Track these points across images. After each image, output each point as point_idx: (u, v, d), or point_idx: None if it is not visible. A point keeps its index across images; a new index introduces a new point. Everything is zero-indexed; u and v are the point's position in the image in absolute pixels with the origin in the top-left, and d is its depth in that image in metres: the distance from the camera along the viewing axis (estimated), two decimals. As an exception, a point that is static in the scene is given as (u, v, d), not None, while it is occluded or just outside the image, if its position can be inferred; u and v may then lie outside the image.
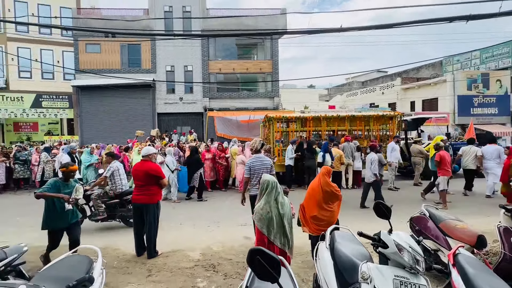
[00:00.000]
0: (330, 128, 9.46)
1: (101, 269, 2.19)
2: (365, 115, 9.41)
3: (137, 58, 17.16)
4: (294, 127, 9.37)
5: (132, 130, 15.54)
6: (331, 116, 9.27)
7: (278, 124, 9.27)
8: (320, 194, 3.29)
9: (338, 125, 9.33)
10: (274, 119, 9.05)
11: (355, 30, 4.73)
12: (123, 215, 5.11)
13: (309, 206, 3.38)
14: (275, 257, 1.07)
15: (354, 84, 28.16)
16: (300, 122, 9.25)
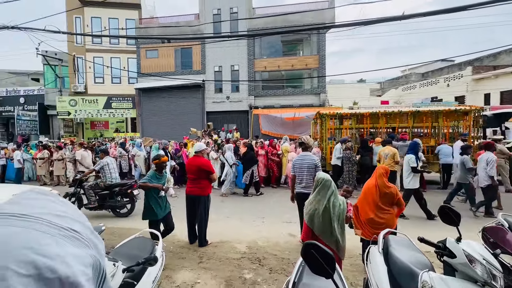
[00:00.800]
0: (390, 125, 8.72)
1: (161, 251, 2.46)
2: (433, 110, 8.31)
3: (189, 60, 18.40)
4: (349, 124, 8.90)
5: (185, 127, 16.78)
6: (391, 112, 8.43)
7: (331, 121, 8.90)
8: (377, 196, 3.07)
9: (399, 121, 8.52)
10: (327, 116, 8.71)
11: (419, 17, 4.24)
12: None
13: (363, 208, 3.18)
14: (330, 252, 1.06)
15: (412, 76, 25.39)
16: (355, 119, 8.70)
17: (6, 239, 0.39)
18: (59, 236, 0.43)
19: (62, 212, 0.48)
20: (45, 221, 0.44)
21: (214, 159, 8.14)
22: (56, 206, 0.49)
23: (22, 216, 0.43)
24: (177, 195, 6.95)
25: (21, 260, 0.37)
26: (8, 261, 0.36)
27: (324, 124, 8.75)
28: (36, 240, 0.40)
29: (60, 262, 0.39)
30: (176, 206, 6.16)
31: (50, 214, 0.46)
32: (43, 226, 0.43)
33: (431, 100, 16.89)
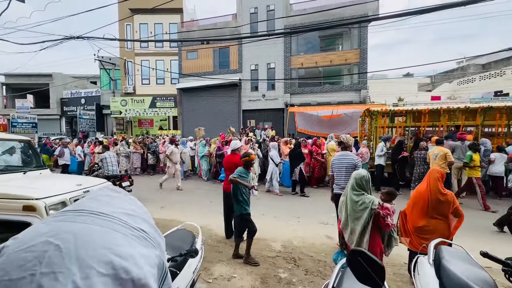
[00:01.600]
0: (453, 123, 7.93)
1: (201, 244, 2.57)
2: (510, 106, 7.30)
3: (226, 60, 18.90)
4: (403, 122, 8.22)
5: (222, 125, 17.31)
6: (456, 108, 7.60)
7: (383, 119, 8.44)
8: (429, 203, 2.76)
9: (465, 119, 7.69)
10: (379, 113, 8.22)
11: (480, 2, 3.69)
12: None
13: (412, 215, 2.90)
14: (379, 262, 0.99)
15: (470, 68, 22.55)
16: (411, 116, 8.07)
17: (89, 238, 0.42)
18: (131, 236, 0.46)
19: (132, 211, 0.51)
20: (119, 221, 0.47)
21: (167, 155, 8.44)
22: (127, 204, 0.53)
23: (100, 214, 0.47)
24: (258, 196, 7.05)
25: (102, 260, 0.40)
26: (92, 261, 0.39)
27: (375, 122, 8.25)
28: (113, 240, 0.44)
29: (133, 264, 0.42)
30: (213, 201, 6.42)
31: (123, 213, 0.49)
32: (118, 226, 0.46)
33: (494, 95, 14.81)
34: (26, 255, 0.39)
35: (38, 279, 0.36)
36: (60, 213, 0.47)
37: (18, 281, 0.36)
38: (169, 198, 6.93)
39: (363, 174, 2.62)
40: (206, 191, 7.75)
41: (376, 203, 2.46)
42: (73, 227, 0.43)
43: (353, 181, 2.61)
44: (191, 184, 9.04)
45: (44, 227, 0.43)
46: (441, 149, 6.12)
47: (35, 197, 2.89)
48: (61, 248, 0.39)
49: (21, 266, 0.37)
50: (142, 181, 9.48)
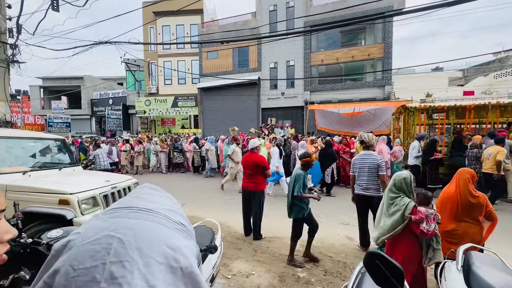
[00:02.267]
0: (507, 119, 7.38)
1: (220, 240, 2.63)
2: None
3: (246, 59, 19.00)
4: (445, 119, 7.74)
5: (241, 123, 17.46)
6: (507, 103, 7.02)
7: (422, 116, 7.99)
8: (459, 205, 2.60)
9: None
10: (416, 110, 7.80)
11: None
12: None
13: (444, 218, 2.73)
14: (398, 265, 0.96)
15: (510, 60, 20.75)
16: (454, 113, 7.57)
17: (144, 231, 0.48)
18: (174, 230, 0.52)
19: (171, 207, 0.57)
20: (164, 216, 0.53)
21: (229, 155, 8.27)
22: (166, 201, 0.59)
23: (148, 210, 0.53)
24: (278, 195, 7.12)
25: (157, 250, 0.46)
26: (150, 251, 0.45)
27: (412, 119, 7.87)
28: (163, 233, 0.49)
29: (180, 254, 0.47)
30: (233, 199, 6.52)
31: (165, 209, 0.55)
32: (164, 221, 0.52)
33: (537, 89, 13.53)
34: (95, 247, 0.44)
35: (108, 267, 0.42)
36: (112, 210, 0.54)
37: (92, 269, 0.42)
38: (190, 196, 7.14)
39: (404, 176, 2.51)
40: (226, 189, 7.88)
41: (411, 208, 2.32)
42: (129, 223, 0.49)
43: (392, 182, 2.54)
44: (213, 182, 9.24)
45: (104, 223, 0.49)
46: (496, 148, 5.63)
47: (69, 192, 3.12)
48: (123, 241, 0.45)
49: (92, 256, 0.43)
50: (164, 179, 9.85)
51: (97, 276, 0.41)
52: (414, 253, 2.33)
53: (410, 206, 2.33)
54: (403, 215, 2.33)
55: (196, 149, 10.66)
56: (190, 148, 10.85)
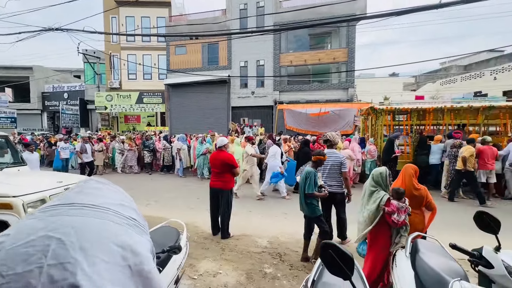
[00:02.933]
0: (458, 122, 8.15)
1: (186, 241, 2.56)
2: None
3: (215, 56, 18.72)
4: (409, 120, 8.34)
5: (211, 122, 17.20)
6: (459, 107, 7.77)
7: (389, 117, 8.52)
8: None
9: (469, 118, 7.87)
10: (384, 111, 8.23)
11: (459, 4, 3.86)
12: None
13: None
14: (348, 253, 1.03)
15: (453, 69, 23.37)
16: (416, 115, 8.14)
17: (88, 230, 0.44)
18: (125, 226, 0.49)
19: (121, 201, 0.54)
20: (113, 211, 0.50)
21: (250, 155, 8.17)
22: (115, 195, 0.55)
23: (93, 206, 0.49)
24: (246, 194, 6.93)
25: (103, 248, 0.43)
26: (96, 250, 0.42)
27: (380, 120, 8.34)
28: (111, 230, 0.46)
29: (129, 251, 0.45)
30: (200, 199, 6.39)
31: (113, 204, 0.51)
32: (112, 216, 0.49)
33: (474, 95, 15.45)
34: (28, 250, 0.40)
35: (47, 271, 0.38)
36: (51, 208, 0.48)
37: (26, 274, 0.37)
38: (156, 196, 6.84)
39: (380, 171, 2.77)
40: (196, 188, 7.70)
41: (385, 200, 2.59)
42: (70, 221, 0.44)
43: (371, 177, 2.81)
44: (181, 181, 8.95)
45: (39, 222, 0.44)
46: (467, 147, 6.21)
47: (12, 195, 2.78)
48: (63, 241, 0.41)
49: (25, 260, 0.39)
50: (127, 179, 9.30)
51: (32, 282, 0.37)
52: (388, 242, 2.62)
53: (385, 198, 2.60)
54: (378, 206, 2.61)
55: (166, 147, 10.21)
56: (160, 146, 10.35)
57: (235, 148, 7.99)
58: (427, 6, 3.86)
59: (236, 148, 7.98)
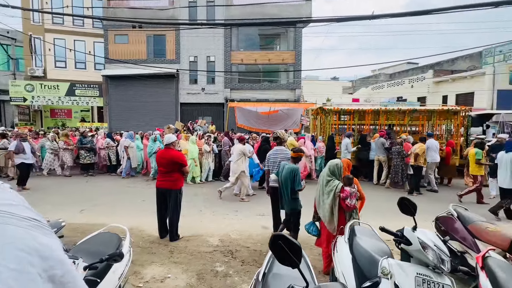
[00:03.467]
0: (389, 122, 9.26)
1: (129, 247, 2.36)
2: (428, 110, 9.00)
3: (162, 48, 17.57)
4: (351, 120, 9.24)
5: (158, 119, 16.12)
6: (391, 109, 8.91)
7: (335, 117, 9.26)
8: None
9: (398, 119, 9.13)
10: (331, 112, 8.87)
11: (387, 18, 4.48)
12: None
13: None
14: (297, 243, 1.09)
15: (381, 76, 26.80)
16: (358, 115, 9.05)
17: None
18: (28, 228, 0.43)
19: (11, 200, 0.47)
20: (10, 214, 0.43)
21: (208, 152, 8.04)
22: (4, 194, 0.47)
23: None
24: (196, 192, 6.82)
25: (8, 256, 0.38)
26: (1, 257, 0.38)
27: (328, 120, 8.93)
28: (12, 234, 0.41)
29: (37, 256, 0.40)
30: (146, 200, 5.96)
31: (5, 204, 0.45)
32: (11, 219, 0.43)
33: (397, 100, 18.01)
34: None
35: None
36: None
37: None
38: (93, 200, 6.10)
39: (336, 162, 3.14)
40: (141, 189, 7.13)
41: (340, 188, 2.97)
42: None
43: (327, 168, 3.14)
44: (124, 183, 8.17)
45: None
46: (419, 145, 7.01)
47: None
48: None
49: None
50: (63, 183, 8.06)
51: None
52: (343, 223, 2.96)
53: (339, 186, 2.99)
54: (335, 194, 2.98)
55: (110, 145, 9.10)
56: (103, 144, 9.11)
57: (189, 147, 7.76)
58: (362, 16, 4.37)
59: (191, 147, 7.75)
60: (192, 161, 7.70)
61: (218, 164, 8.50)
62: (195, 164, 7.79)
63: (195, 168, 7.83)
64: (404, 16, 4.36)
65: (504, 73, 15.51)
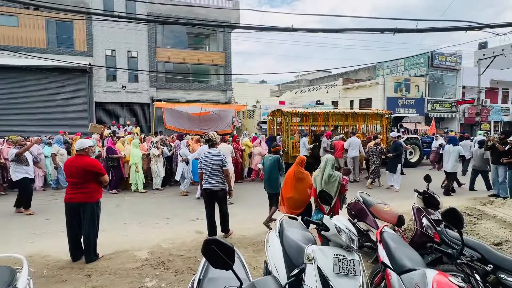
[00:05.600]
0: (337, 123, 10.56)
1: (27, 279, 1.91)
2: (364, 113, 10.73)
3: (69, 38, 14.92)
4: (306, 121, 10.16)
5: (66, 120, 13.59)
6: (338, 112, 10.52)
7: (295, 119, 10.04)
8: (294, 179, 3.89)
9: (344, 121, 10.47)
10: (291, 114, 9.74)
11: (303, 31, 5.05)
12: None
13: (286, 189, 3.97)
14: (230, 245, 1.11)
15: (303, 82, 29.80)
16: (311, 118, 10.07)
17: None
18: None
19: None
20: None
21: (157, 156, 7.35)
22: None
23: None
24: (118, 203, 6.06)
25: None
26: None
27: (287, 121, 9.70)
28: None
29: None
30: (50, 219, 4.96)
31: None
32: None
33: (316, 103, 20.35)
34: None
35: None
36: None
37: None
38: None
39: (332, 158, 3.89)
40: (41, 206, 5.87)
41: (341, 177, 3.75)
42: None
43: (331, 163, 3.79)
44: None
45: None
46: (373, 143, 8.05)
47: None
48: None
49: None
50: None
51: None
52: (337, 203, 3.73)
53: (341, 176, 3.77)
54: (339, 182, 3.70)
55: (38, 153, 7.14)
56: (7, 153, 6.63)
57: (132, 151, 7.04)
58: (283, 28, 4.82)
59: (134, 151, 7.05)
60: (134, 166, 6.98)
61: (169, 169, 7.82)
62: (136, 171, 7.02)
63: (137, 175, 7.06)
64: (316, 31, 5.02)
65: (390, 84, 19.52)
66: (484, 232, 2.71)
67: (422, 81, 20.40)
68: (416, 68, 21.14)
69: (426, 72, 20.51)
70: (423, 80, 20.42)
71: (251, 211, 5.51)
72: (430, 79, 20.67)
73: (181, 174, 6.95)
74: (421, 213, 2.95)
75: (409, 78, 20.40)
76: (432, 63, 20.30)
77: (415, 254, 2.02)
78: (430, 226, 2.78)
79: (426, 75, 20.49)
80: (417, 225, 2.89)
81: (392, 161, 7.19)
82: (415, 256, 1.97)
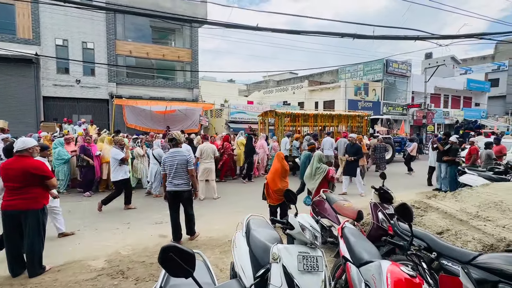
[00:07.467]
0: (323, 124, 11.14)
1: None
2: (349, 115, 11.54)
3: (10, 22, 13.15)
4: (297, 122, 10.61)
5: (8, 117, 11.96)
6: (325, 114, 11.23)
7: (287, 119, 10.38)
8: (281, 172, 4.38)
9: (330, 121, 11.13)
10: (283, 115, 10.17)
11: (269, 31, 5.10)
12: None
13: (273, 182, 4.37)
14: (189, 251, 1.05)
15: (270, 82, 30.25)
16: (302, 119, 10.58)
17: None
18: None
19: None
20: None
21: (142, 156, 7.04)
22: None
23: None
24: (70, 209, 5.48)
25: None
26: None
27: (280, 122, 10.13)
28: None
29: None
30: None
31: None
32: None
33: (283, 104, 20.82)
34: None
35: None
36: None
37: None
38: None
39: (320, 153, 4.88)
40: None
41: (327, 169, 4.65)
42: None
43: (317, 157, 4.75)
44: None
45: None
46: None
47: None
48: None
49: None
50: None
51: None
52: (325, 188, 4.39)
53: (327, 168, 4.67)
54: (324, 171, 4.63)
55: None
56: None
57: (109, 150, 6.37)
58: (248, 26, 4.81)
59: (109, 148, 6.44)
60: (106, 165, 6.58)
61: None
62: None
63: None
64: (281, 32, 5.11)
65: (351, 87, 20.80)
66: (429, 223, 3.00)
67: (378, 85, 22.11)
68: (373, 74, 22.84)
69: (382, 78, 22.29)
70: (380, 84, 22.16)
71: (219, 210, 5.43)
72: (385, 84, 22.51)
73: (154, 175, 6.60)
74: (377, 208, 3.17)
75: (368, 83, 21.96)
76: (387, 69, 22.14)
77: (372, 246, 2.15)
78: (385, 220, 3.00)
79: (382, 80, 22.26)
80: (373, 219, 3.10)
81: (350, 164, 6.97)
82: (372, 249, 2.10)
